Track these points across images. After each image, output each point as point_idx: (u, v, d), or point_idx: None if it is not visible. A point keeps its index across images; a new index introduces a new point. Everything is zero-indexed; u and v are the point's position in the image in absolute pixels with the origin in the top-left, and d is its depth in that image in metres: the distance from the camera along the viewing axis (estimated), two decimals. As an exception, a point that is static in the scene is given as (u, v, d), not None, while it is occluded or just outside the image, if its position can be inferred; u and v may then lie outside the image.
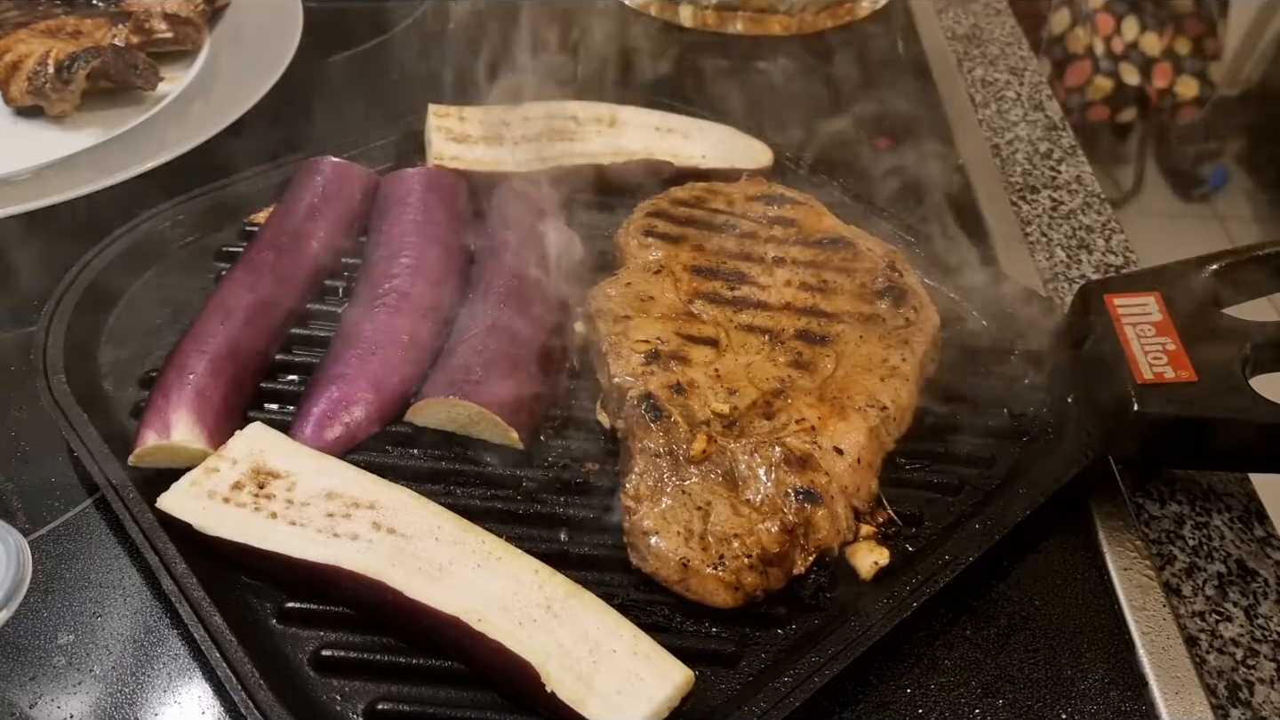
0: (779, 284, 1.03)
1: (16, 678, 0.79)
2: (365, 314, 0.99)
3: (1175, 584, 0.90)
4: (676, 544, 0.81)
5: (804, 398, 0.90)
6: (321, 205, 1.11)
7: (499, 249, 1.06)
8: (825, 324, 0.98)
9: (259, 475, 0.85)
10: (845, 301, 1.01)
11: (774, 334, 0.97)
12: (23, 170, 1.20)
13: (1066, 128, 1.48)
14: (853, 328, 0.98)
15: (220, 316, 0.98)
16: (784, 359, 0.95)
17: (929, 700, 0.79)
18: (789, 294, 1.01)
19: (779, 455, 0.85)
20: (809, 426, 0.88)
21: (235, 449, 0.87)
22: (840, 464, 0.86)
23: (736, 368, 0.93)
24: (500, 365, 0.93)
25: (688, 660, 0.76)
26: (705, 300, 1.01)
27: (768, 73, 1.58)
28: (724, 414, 0.89)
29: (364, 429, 0.93)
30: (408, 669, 0.78)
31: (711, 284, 1.03)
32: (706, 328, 0.98)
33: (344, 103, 1.47)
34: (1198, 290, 0.97)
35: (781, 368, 0.94)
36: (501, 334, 0.96)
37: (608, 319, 0.98)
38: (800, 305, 1.00)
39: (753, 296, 1.01)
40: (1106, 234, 1.29)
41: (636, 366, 0.92)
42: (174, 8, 1.42)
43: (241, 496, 0.83)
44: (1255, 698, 0.83)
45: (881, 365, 0.94)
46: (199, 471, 0.85)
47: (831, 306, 1.00)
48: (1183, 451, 0.94)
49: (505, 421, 0.90)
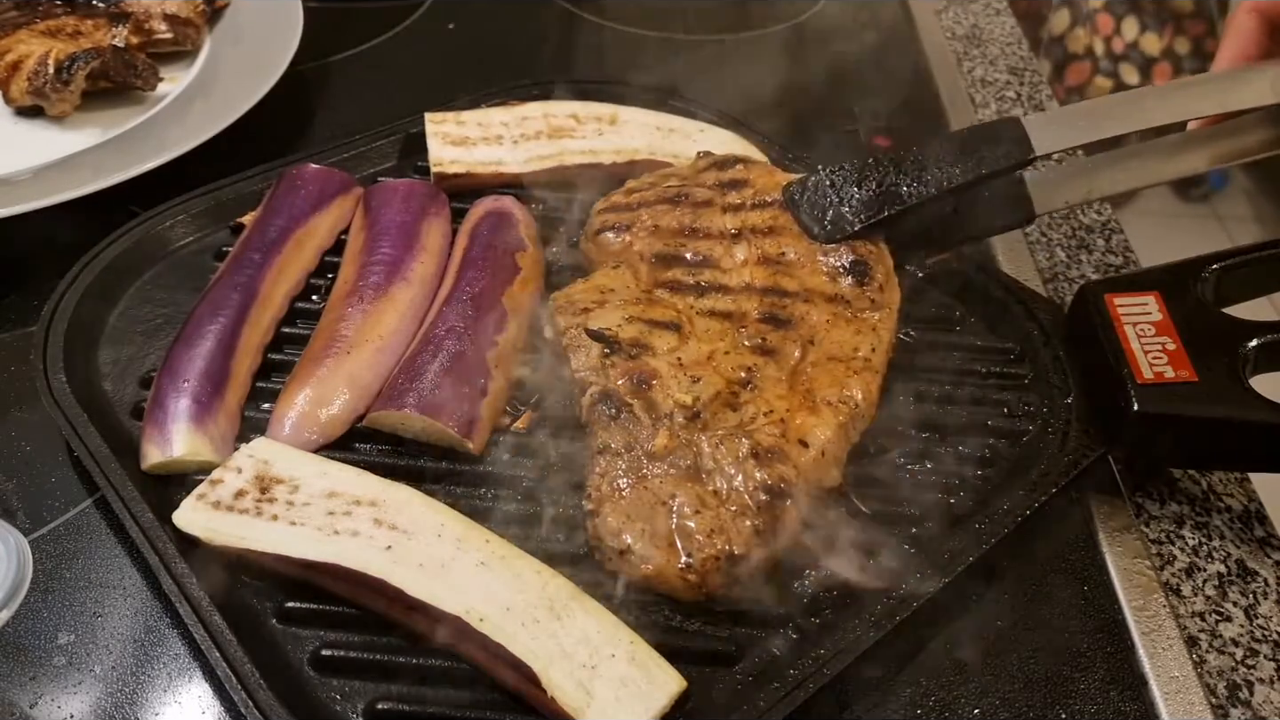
0: (739, 265, 1.00)
1: (17, 677, 0.79)
2: (342, 314, 1.00)
3: (1175, 584, 0.90)
4: (642, 545, 0.80)
5: (773, 388, 0.89)
6: (303, 209, 1.11)
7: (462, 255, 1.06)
8: (789, 305, 0.96)
9: (262, 481, 0.85)
10: (808, 276, 0.98)
11: (737, 318, 0.95)
12: (23, 170, 1.20)
13: (1066, 128, 1.48)
14: (818, 309, 0.96)
15: (210, 318, 0.98)
16: (749, 344, 0.93)
17: (929, 700, 0.79)
18: (749, 273, 0.99)
19: (746, 449, 0.83)
20: (778, 419, 0.86)
21: (239, 460, 0.87)
22: (806, 458, 0.85)
23: (700, 355, 0.92)
24: (448, 372, 0.92)
25: (688, 660, 0.77)
26: (666, 289, 0.99)
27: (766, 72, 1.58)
28: (688, 405, 0.87)
29: (340, 428, 0.93)
30: (407, 669, 0.78)
31: (671, 271, 1.01)
32: (668, 311, 0.96)
33: (344, 103, 1.47)
34: (1198, 290, 0.97)
35: (747, 354, 0.92)
36: (453, 339, 0.95)
37: (567, 314, 0.97)
38: (762, 284, 0.98)
39: (714, 280, 0.99)
40: (1106, 234, 1.29)
41: (595, 359, 0.91)
42: (174, 8, 1.42)
43: (244, 503, 0.83)
44: (1255, 698, 0.83)
45: (852, 356, 0.93)
46: (204, 485, 0.85)
47: (794, 284, 0.98)
48: (1183, 451, 0.94)
49: (454, 429, 0.89)
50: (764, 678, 0.77)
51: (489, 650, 0.74)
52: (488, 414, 0.93)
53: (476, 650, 0.76)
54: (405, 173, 1.25)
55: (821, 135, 1.36)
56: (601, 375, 0.90)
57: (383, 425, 0.93)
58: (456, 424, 0.90)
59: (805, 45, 1.66)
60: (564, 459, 0.92)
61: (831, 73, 1.55)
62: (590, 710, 0.71)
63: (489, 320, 0.98)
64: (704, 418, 0.87)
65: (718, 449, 0.84)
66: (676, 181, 1.11)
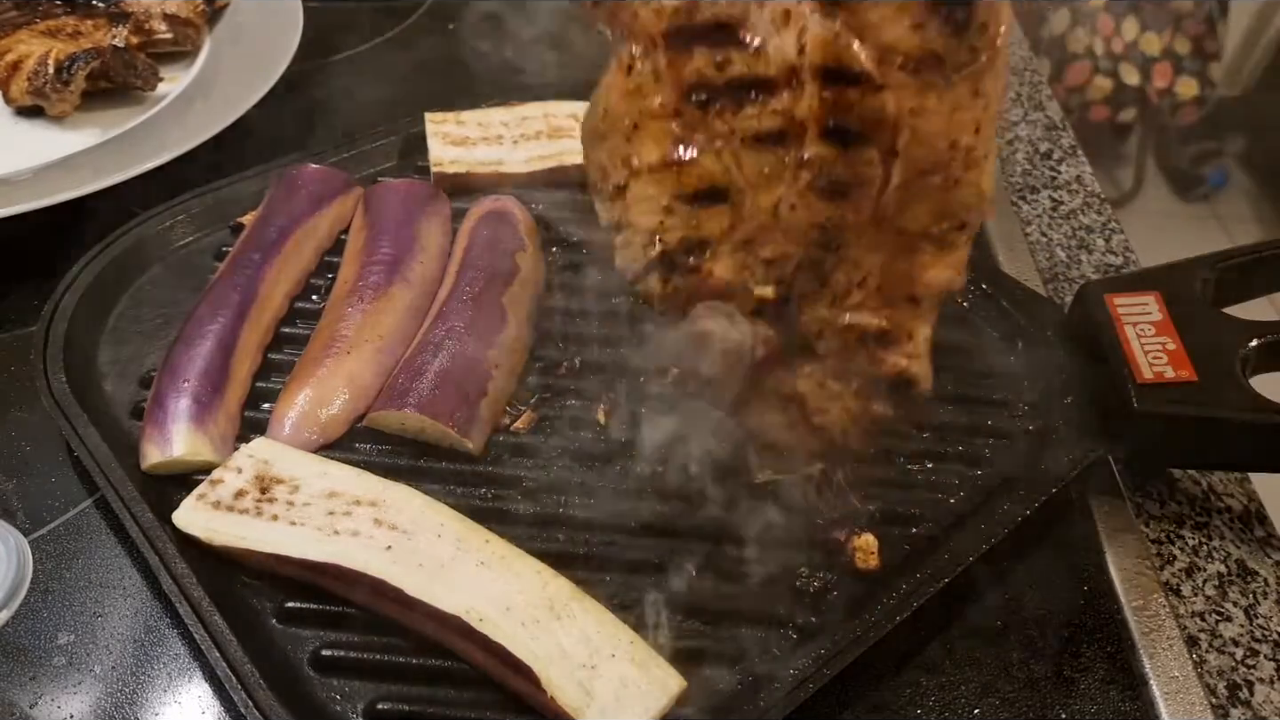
0: (780, 20, 0.70)
1: (17, 678, 0.79)
2: (341, 314, 1.00)
3: (1175, 584, 0.90)
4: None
5: (857, 241, 0.71)
6: (302, 209, 1.11)
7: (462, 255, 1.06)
8: (862, 98, 0.69)
9: (262, 481, 0.85)
10: (884, 25, 0.68)
11: (794, 138, 0.71)
12: (23, 170, 1.20)
13: (1067, 128, 1.48)
14: (899, 91, 0.69)
15: (210, 318, 0.98)
16: (817, 187, 0.71)
17: (929, 700, 0.79)
18: (793, 38, 0.70)
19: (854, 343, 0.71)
20: (875, 288, 0.72)
21: (239, 460, 0.87)
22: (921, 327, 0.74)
23: (763, 217, 0.71)
24: (448, 372, 0.92)
25: (688, 660, 0.76)
26: (695, 105, 0.73)
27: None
28: (770, 298, 0.73)
29: (340, 428, 0.93)
30: (407, 669, 0.78)
31: (694, 62, 0.72)
32: (708, 166, 0.73)
33: (344, 103, 1.47)
34: (1198, 290, 0.97)
35: (815, 202, 0.71)
36: (454, 339, 0.95)
37: (601, 196, 0.79)
38: (819, 60, 0.70)
39: (750, 69, 0.71)
40: (1106, 234, 1.29)
41: (655, 285, 0.75)
42: (174, 8, 1.42)
43: (244, 503, 0.83)
44: (1255, 697, 0.83)
45: (950, 155, 0.69)
46: (204, 485, 0.85)
47: (864, 49, 0.69)
48: (1183, 451, 0.94)
49: (454, 430, 0.89)
50: (764, 678, 0.77)
51: (489, 650, 0.74)
52: (488, 414, 0.93)
53: (476, 650, 0.76)
54: (405, 173, 1.25)
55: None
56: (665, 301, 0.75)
57: (383, 425, 0.93)
58: (456, 424, 0.90)
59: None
60: (564, 457, 0.92)
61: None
62: (590, 710, 0.71)
63: (489, 320, 0.98)
64: (794, 301, 0.73)
65: (829, 340, 0.72)
66: None
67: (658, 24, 0.73)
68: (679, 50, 0.73)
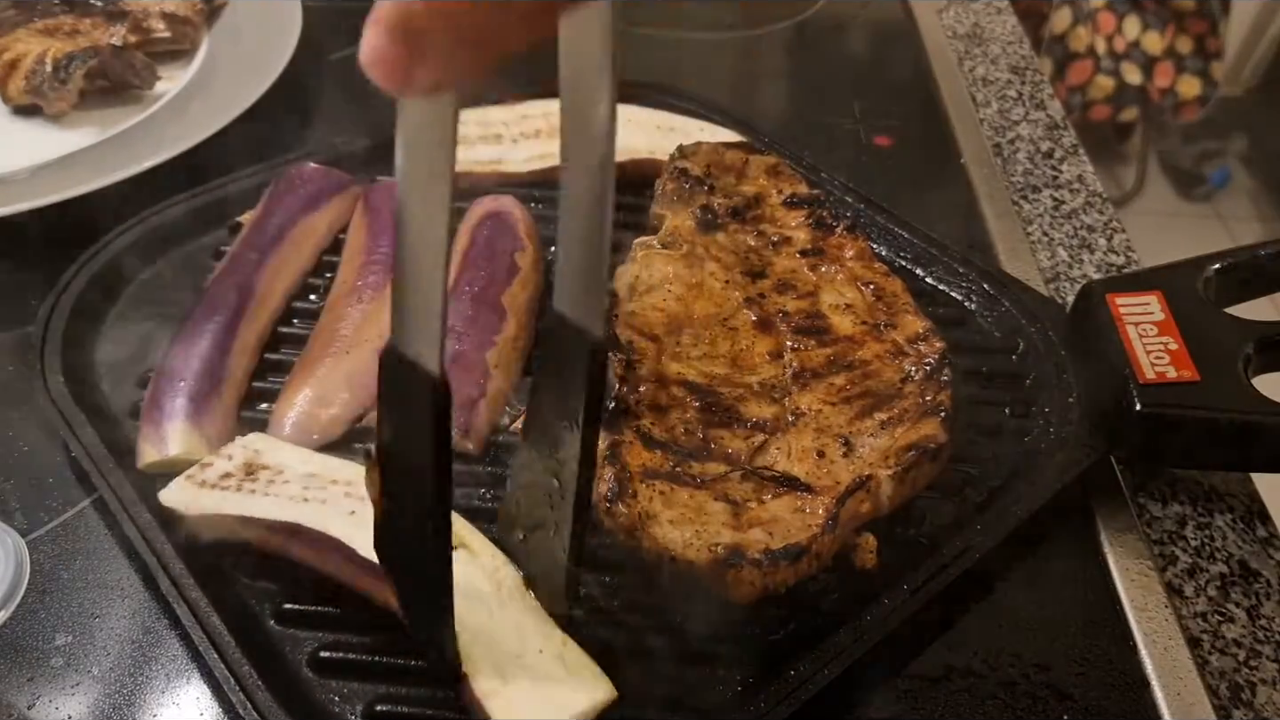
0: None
1: (14, 679, 0.78)
2: (340, 313, 0.99)
3: (1177, 584, 0.90)
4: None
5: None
6: (301, 208, 1.11)
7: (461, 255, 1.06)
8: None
9: (250, 467, 0.86)
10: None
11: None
12: (20, 169, 1.19)
13: (1068, 127, 1.48)
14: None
15: (208, 318, 0.98)
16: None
17: (929, 700, 0.79)
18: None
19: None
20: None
21: (232, 449, 0.87)
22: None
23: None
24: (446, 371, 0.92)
25: (688, 660, 0.76)
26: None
27: (766, 70, 1.58)
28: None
29: (340, 428, 0.93)
30: (406, 670, 0.77)
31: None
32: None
33: (343, 103, 1.46)
34: (1200, 290, 0.96)
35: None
36: (452, 339, 0.95)
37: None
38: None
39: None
40: (1108, 233, 1.29)
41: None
42: (172, 7, 1.42)
43: (228, 483, 0.84)
44: (1258, 699, 0.82)
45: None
46: (195, 468, 0.86)
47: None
48: (1185, 451, 0.93)
49: (453, 429, 0.89)
50: (764, 678, 0.76)
51: None
52: (487, 414, 0.93)
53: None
54: (404, 172, 1.24)
55: (822, 133, 1.35)
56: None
57: None
58: (455, 424, 0.89)
59: (806, 44, 1.65)
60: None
61: (832, 71, 1.54)
62: (500, 696, 0.71)
63: (488, 320, 0.98)
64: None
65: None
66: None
67: None
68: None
